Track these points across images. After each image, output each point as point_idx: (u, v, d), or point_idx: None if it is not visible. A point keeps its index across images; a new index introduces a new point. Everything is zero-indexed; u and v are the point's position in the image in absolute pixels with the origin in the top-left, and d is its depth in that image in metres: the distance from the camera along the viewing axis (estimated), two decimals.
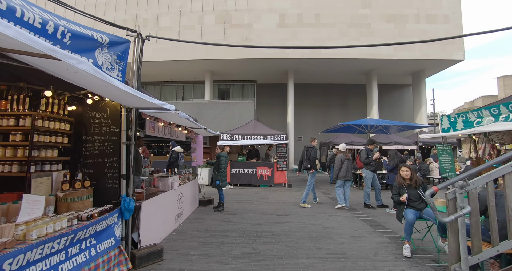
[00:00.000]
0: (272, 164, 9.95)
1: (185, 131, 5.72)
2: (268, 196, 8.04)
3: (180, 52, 16.42)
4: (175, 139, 5.30)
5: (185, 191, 5.31)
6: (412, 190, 4.01)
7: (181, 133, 5.49)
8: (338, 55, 15.65)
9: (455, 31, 15.77)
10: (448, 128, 6.05)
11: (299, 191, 9.05)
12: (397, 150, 15.34)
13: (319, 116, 20.52)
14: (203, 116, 14.47)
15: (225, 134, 10.08)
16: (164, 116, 3.97)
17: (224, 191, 8.72)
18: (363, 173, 6.51)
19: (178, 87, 21.54)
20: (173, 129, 5.02)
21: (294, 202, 7.12)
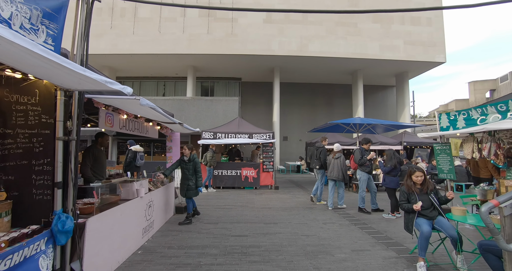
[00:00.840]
0: (258, 165, 9.20)
1: (158, 126, 4.82)
2: (254, 200, 7.28)
3: (160, 45, 15.26)
4: (145, 136, 4.39)
5: (156, 198, 4.41)
6: (423, 196, 3.40)
7: (152, 129, 4.59)
8: (325, 54, 15.22)
9: (437, 33, 15.88)
10: (448, 126, 5.58)
11: (287, 193, 8.37)
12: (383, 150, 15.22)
13: (305, 115, 20.07)
14: (184, 114, 13.44)
15: (207, 132, 9.19)
16: (125, 105, 3.08)
17: (206, 194, 7.89)
18: (358, 175, 5.93)
19: (159, 84, 20.25)
20: (141, 124, 4.11)
21: (282, 206, 6.40)
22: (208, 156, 8.59)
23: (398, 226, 4.85)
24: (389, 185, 5.53)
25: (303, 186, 10.09)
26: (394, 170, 5.50)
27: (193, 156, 4.96)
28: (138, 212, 3.65)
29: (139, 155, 6.23)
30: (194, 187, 4.92)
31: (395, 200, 5.50)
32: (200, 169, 5.01)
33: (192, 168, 4.96)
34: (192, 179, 4.93)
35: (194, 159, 4.97)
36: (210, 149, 8.79)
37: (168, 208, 5.19)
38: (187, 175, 4.94)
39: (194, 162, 4.95)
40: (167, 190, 5.16)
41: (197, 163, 4.97)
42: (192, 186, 4.91)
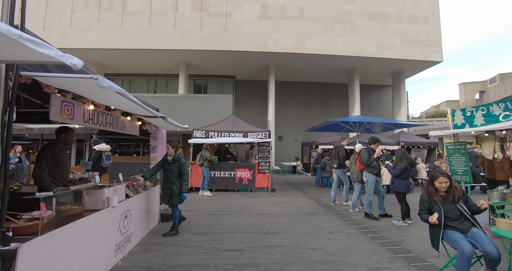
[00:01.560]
0: (253, 166, 8.53)
1: (139, 122, 4.10)
2: (249, 204, 6.60)
3: (151, 39, 14.43)
4: (122, 133, 3.67)
5: (135, 205, 3.69)
6: (449, 205, 2.79)
7: (131, 124, 3.87)
8: (322, 51, 14.68)
9: (434, 32, 15.58)
10: (463, 124, 5.05)
11: (284, 196, 7.73)
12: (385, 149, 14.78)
13: (300, 115, 19.52)
14: (175, 112, 12.67)
15: (199, 131, 8.47)
16: (88, 91, 2.37)
17: (199, 198, 7.15)
18: (364, 177, 5.33)
19: (149, 81, 19.35)
20: (116, 118, 3.40)
21: (281, 212, 5.75)
22: (207, 155, 7.90)
23: (413, 235, 4.27)
24: (398, 189, 4.94)
25: (300, 188, 9.47)
26: (405, 173, 4.92)
27: (178, 155, 4.23)
28: (109, 226, 2.93)
29: (105, 155, 5.47)
30: (178, 193, 4.18)
31: (405, 205, 4.93)
32: (187, 171, 4.29)
33: (177, 170, 4.21)
34: (176, 183, 4.19)
35: (179, 159, 4.22)
36: (205, 148, 8.09)
37: (151, 216, 4.47)
38: (170, 178, 4.20)
39: (179, 163, 4.20)
40: (150, 195, 4.44)
41: (183, 164, 4.23)
42: (176, 191, 4.17)
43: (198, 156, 8.03)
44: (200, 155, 8.00)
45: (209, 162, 7.95)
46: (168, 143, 4.34)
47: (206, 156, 7.89)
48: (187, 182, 4.28)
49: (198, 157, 8.01)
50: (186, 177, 4.26)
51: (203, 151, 8.00)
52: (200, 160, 7.96)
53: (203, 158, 7.94)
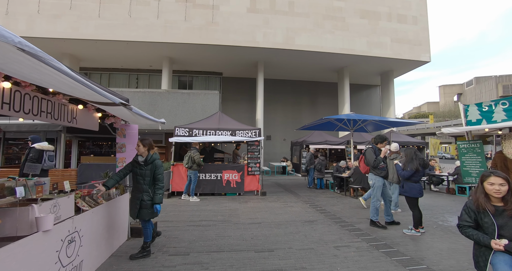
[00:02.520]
0: (242, 167, 7.69)
1: (98, 113, 3.15)
2: (238, 211, 5.76)
3: (131, 30, 13.21)
4: (72, 126, 2.72)
5: (89, 223, 2.75)
6: (504, 219, 2.11)
7: (85, 116, 2.92)
8: (312, 48, 14.08)
9: (422, 32, 15.44)
10: (479, 120, 4.47)
11: (276, 200, 6.94)
12: None
13: (289, 114, 18.88)
14: (157, 108, 11.58)
15: (181, 129, 7.52)
16: None
17: (181, 204, 6.15)
18: (371, 180, 4.64)
19: (131, 77, 17.99)
20: (59, 105, 2.45)
21: (275, 221, 4.96)
22: (197, 157, 6.97)
23: (433, 248, 3.60)
24: (409, 193, 4.29)
25: (293, 190, 8.74)
26: (416, 175, 4.27)
27: (152, 156, 3.33)
28: (40, 259, 1.99)
29: (47, 155, 4.44)
30: (150, 204, 3.27)
31: (418, 212, 4.29)
32: (162, 176, 3.37)
33: (150, 175, 3.29)
34: (149, 191, 3.29)
35: (153, 161, 3.31)
36: (194, 147, 7.16)
37: (117, 233, 3.52)
38: (141, 185, 3.28)
39: (153, 165, 3.29)
40: (116, 206, 3.49)
41: (158, 167, 3.32)
42: (147, 202, 3.25)
43: (186, 158, 7.09)
44: (188, 156, 7.06)
45: (198, 166, 7.05)
46: (140, 140, 3.42)
47: (196, 158, 6.96)
48: (162, 191, 3.36)
49: (186, 159, 7.07)
50: (161, 183, 3.34)
51: (192, 152, 7.05)
52: (189, 162, 7.02)
53: (191, 160, 7.00)
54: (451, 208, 6.16)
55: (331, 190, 8.71)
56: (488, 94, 35.79)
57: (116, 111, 2.94)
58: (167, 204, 6.43)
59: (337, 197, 7.55)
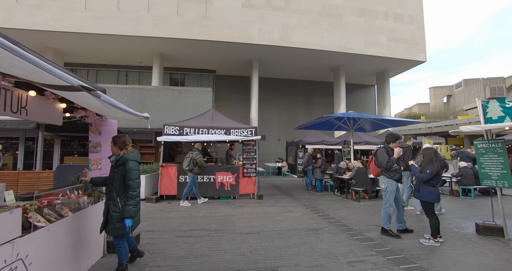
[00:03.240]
0: (237, 168, 7.10)
1: (62, 104, 2.50)
2: (233, 217, 5.16)
3: (119, 24, 12.42)
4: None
5: (42, 245, 2.11)
6: None
7: (42, 106, 2.27)
8: (309, 45, 13.61)
9: (418, 32, 15.23)
10: (501, 117, 4.01)
11: (274, 205, 6.38)
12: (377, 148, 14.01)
13: (284, 113, 18.39)
14: (146, 106, 10.84)
15: (171, 127, 6.86)
16: None
17: (170, 210, 5.38)
18: (383, 184, 4.13)
19: (120, 74, 17.10)
20: None
21: (275, 229, 4.39)
22: (200, 159, 6.32)
23: (460, 263, 3.10)
24: (427, 198, 3.80)
25: (290, 193, 8.20)
26: (436, 178, 3.79)
27: (122, 156, 2.73)
28: None
29: None
30: (117, 217, 2.64)
31: (435, 219, 3.80)
32: (136, 182, 2.71)
33: (119, 179, 2.68)
34: (117, 200, 2.66)
35: (124, 162, 2.70)
36: (196, 149, 6.50)
37: (87, 251, 2.87)
38: (110, 192, 2.70)
39: (124, 168, 2.68)
40: (85, 218, 2.84)
41: (129, 171, 2.68)
42: (113, 214, 2.65)
43: (187, 160, 6.42)
44: (190, 158, 6.38)
45: (199, 169, 6.40)
46: (114, 138, 2.81)
47: (199, 160, 6.30)
48: (134, 201, 2.67)
49: (187, 161, 6.40)
50: (132, 192, 2.67)
51: (194, 154, 6.38)
52: (190, 165, 6.35)
53: (193, 163, 6.34)
54: (460, 212, 5.74)
55: (331, 192, 8.22)
56: (476, 95, 36.34)
57: (83, 100, 2.30)
58: (154, 210, 5.78)
59: (338, 200, 7.05)
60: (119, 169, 2.70)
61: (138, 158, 2.87)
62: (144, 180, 6.72)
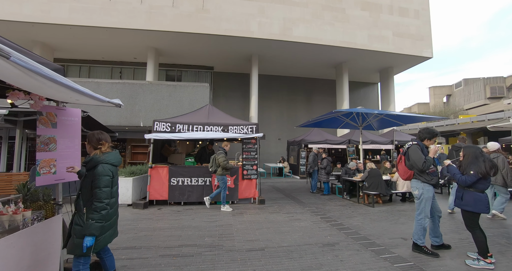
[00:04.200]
0: (236, 170, 6.28)
1: None
2: (232, 228, 4.34)
3: (111, 16, 11.57)
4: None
5: None
6: None
7: None
8: (311, 40, 12.84)
9: (424, 27, 14.50)
10: None
11: (278, 210, 5.56)
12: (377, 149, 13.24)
13: (284, 112, 17.60)
14: (138, 102, 10.00)
15: (161, 123, 6.03)
16: None
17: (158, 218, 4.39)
18: (415, 190, 3.32)
19: (113, 70, 16.23)
20: None
21: (283, 244, 3.57)
22: (222, 160, 5.57)
23: None
24: (473, 207, 3.00)
25: (294, 196, 7.40)
26: (483, 182, 3.00)
27: (93, 158, 2.14)
28: None
29: None
30: (79, 231, 2.02)
31: (481, 232, 3.01)
32: (104, 192, 2.06)
33: (87, 185, 2.10)
34: (83, 211, 2.07)
35: (95, 166, 2.10)
36: (221, 148, 5.78)
37: None
38: (78, 200, 2.14)
39: (94, 173, 2.08)
40: (27, 240, 2.01)
41: (98, 177, 2.06)
42: (76, 227, 2.05)
43: (211, 161, 5.74)
44: (213, 158, 5.70)
45: (225, 170, 5.64)
46: (88, 135, 2.20)
47: (220, 161, 5.55)
48: (100, 214, 2.03)
49: (211, 162, 5.72)
50: (98, 203, 2.02)
51: (217, 154, 5.68)
52: (213, 165, 5.67)
53: (216, 164, 5.64)
54: (495, 220, 4.95)
55: (339, 196, 7.43)
56: (476, 95, 35.79)
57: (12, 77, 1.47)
58: (141, 218, 4.95)
59: (349, 205, 6.26)
60: (89, 174, 2.13)
61: (115, 161, 2.22)
62: (131, 183, 5.89)
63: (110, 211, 2.17)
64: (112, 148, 2.36)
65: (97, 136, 2.23)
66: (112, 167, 2.21)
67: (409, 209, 5.80)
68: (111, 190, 2.17)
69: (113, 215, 2.26)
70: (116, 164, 2.27)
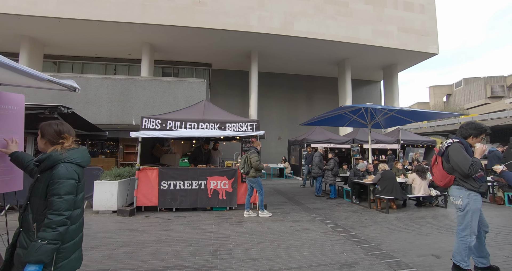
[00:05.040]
0: (234, 172, 5.58)
1: None
2: (229, 242, 3.64)
3: (102, 8, 10.86)
4: None
5: None
6: None
7: None
8: (313, 35, 12.18)
9: (430, 22, 13.87)
10: None
11: (283, 218, 4.88)
12: (380, 149, 12.59)
13: (285, 110, 16.93)
14: (131, 98, 9.30)
15: (150, 120, 5.33)
16: None
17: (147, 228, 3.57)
18: (458, 199, 2.63)
19: (108, 67, 15.49)
20: None
21: (290, 264, 2.87)
22: (255, 160, 4.94)
23: None
24: None
25: (298, 200, 6.71)
26: None
27: (51, 156, 1.46)
28: None
29: None
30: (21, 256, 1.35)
31: None
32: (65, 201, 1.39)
33: (41, 190, 1.42)
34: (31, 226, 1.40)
35: (52, 166, 1.44)
36: (253, 147, 5.16)
37: None
38: (26, 214, 1.45)
39: (51, 175, 1.42)
40: None
41: (58, 181, 1.40)
42: (19, 250, 1.39)
43: (242, 161, 5.06)
44: (244, 159, 5.03)
45: (258, 172, 5.00)
46: (41, 126, 1.56)
47: (253, 161, 4.92)
48: (56, 233, 1.35)
49: (242, 162, 5.05)
50: (56, 216, 1.38)
51: (249, 154, 5.02)
52: (245, 167, 5.02)
53: (248, 165, 4.99)
54: None
55: (347, 199, 6.75)
56: (477, 94, 35.28)
57: None
58: (125, 228, 4.25)
59: (360, 210, 5.58)
60: (44, 176, 1.47)
61: (82, 160, 1.58)
62: (116, 187, 5.19)
63: (73, 227, 1.50)
64: (78, 144, 1.67)
65: (55, 127, 1.56)
66: (78, 168, 1.53)
67: (427, 216, 5.14)
68: (75, 199, 1.50)
69: (78, 232, 1.58)
70: (84, 164, 1.60)
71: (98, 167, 5.68)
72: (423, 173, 5.75)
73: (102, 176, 5.34)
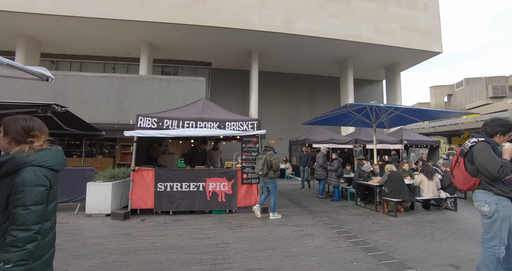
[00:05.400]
0: (234, 173, 5.30)
1: None
2: (228, 249, 3.36)
3: (99, 5, 10.59)
4: None
5: None
6: None
7: None
8: (315, 33, 11.90)
9: (433, 20, 13.60)
10: None
11: (285, 222, 4.59)
12: (383, 149, 12.30)
13: (285, 110, 16.64)
14: (128, 97, 9.02)
15: (146, 118, 5.06)
16: None
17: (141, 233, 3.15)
18: (486, 205, 2.34)
19: (106, 66, 15.23)
20: None
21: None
22: (275, 160, 4.76)
23: None
24: None
25: (300, 202, 6.43)
26: None
27: (15, 158, 1.17)
28: None
29: None
30: None
31: None
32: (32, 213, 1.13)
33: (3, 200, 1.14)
34: None
35: (16, 169, 1.16)
36: (270, 148, 4.96)
37: None
38: None
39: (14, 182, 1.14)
40: None
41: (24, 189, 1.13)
42: None
43: (260, 162, 4.79)
44: (263, 160, 4.75)
45: (275, 173, 4.79)
46: (4, 121, 1.21)
47: (274, 163, 4.72)
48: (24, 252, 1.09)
49: (261, 163, 4.78)
50: (22, 232, 1.13)
51: (269, 155, 4.76)
52: (264, 168, 4.74)
53: (267, 166, 4.73)
54: None
55: (351, 202, 6.46)
56: (478, 95, 34.99)
57: None
58: (117, 233, 3.97)
59: (366, 214, 5.30)
60: (5, 182, 1.18)
61: (55, 163, 1.31)
62: (110, 189, 4.91)
63: (43, 243, 1.23)
64: (51, 144, 1.38)
65: (23, 123, 1.27)
66: (49, 173, 1.25)
67: (438, 220, 4.86)
68: (45, 209, 1.22)
69: (48, 248, 1.29)
70: (57, 168, 1.31)
71: (91, 168, 5.40)
72: (431, 174, 5.47)
73: (95, 177, 5.06)
